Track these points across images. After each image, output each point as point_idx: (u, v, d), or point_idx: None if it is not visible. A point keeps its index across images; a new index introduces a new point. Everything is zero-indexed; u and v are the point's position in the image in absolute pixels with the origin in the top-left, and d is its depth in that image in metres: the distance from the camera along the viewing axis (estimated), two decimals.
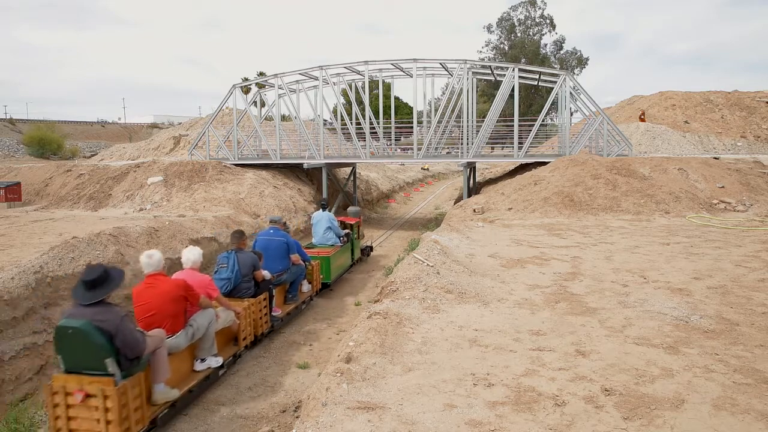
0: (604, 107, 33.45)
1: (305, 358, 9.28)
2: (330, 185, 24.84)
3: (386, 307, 7.18)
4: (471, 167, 24.21)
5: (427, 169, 53.61)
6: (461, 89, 22.14)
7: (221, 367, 7.82)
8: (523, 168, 21.65)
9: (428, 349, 6.05)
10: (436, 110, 24.49)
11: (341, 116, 25.84)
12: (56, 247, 10.46)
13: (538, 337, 6.39)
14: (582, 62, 68.56)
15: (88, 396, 5.77)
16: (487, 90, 65.97)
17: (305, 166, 22.29)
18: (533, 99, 65.78)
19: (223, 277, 9.00)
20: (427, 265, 9.00)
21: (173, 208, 17.90)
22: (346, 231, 14.69)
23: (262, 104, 27.48)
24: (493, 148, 38.31)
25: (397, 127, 30.10)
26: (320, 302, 12.24)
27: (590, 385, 5.24)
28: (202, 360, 7.50)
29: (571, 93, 21.75)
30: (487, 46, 70.55)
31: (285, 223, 11.67)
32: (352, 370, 5.52)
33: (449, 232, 12.86)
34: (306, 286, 11.73)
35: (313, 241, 13.85)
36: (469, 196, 20.91)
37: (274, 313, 9.88)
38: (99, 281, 5.86)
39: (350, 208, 16.63)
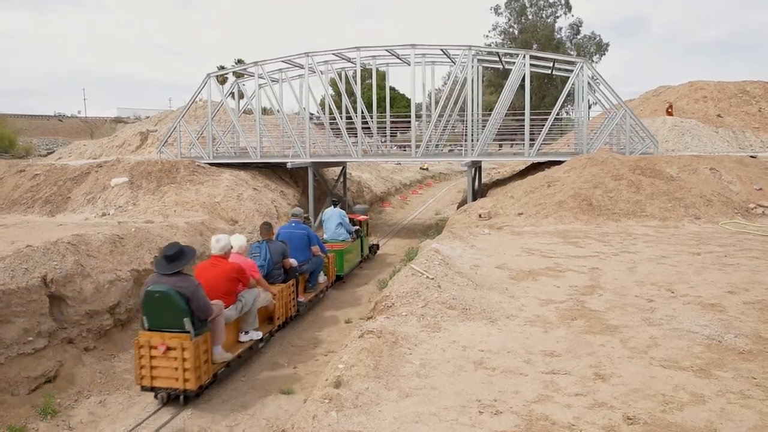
0: (627, 99, 33.56)
1: (289, 383, 9.27)
2: (317, 187, 24.83)
3: (380, 325, 7.18)
4: (476, 167, 24.26)
5: (427, 169, 53.68)
6: (465, 79, 22.19)
7: (260, 340, 10.28)
8: (534, 168, 21.70)
9: (428, 373, 6.05)
10: (436, 103, 24.51)
11: (330, 109, 25.88)
12: (7, 258, 10.43)
13: (552, 358, 6.39)
14: (601, 48, 68.86)
15: (168, 349, 8.25)
16: (495, 80, 66.16)
17: (289, 165, 22.30)
18: (546, 90, 66.00)
19: (257, 265, 10.90)
20: (427, 277, 9.00)
21: (140, 213, 17.87)
22: (356, 227, 17.20)
23: (241, 96, 27.49)
24: (501, 146, 38.25)
25: (392, 122, 30.12)
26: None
27: (611, 412, 5.24)
28: (246, 332, 9.96)
29: (589, 83, 21.84)
30: (494, 30, 70.80)
31: (307, 216, 14.40)
32: (342, 396, 5.51)
33: (451, 241, 12.88)
34: (322, 278, 14.19)
35: (325, 236, 16.07)
36: (474, 199, 20.94)
37: (299, 299, 12.55)
38: (176, 256, 8.35)
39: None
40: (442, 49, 23.21)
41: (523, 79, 21.63)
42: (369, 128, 27.07)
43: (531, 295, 8.73)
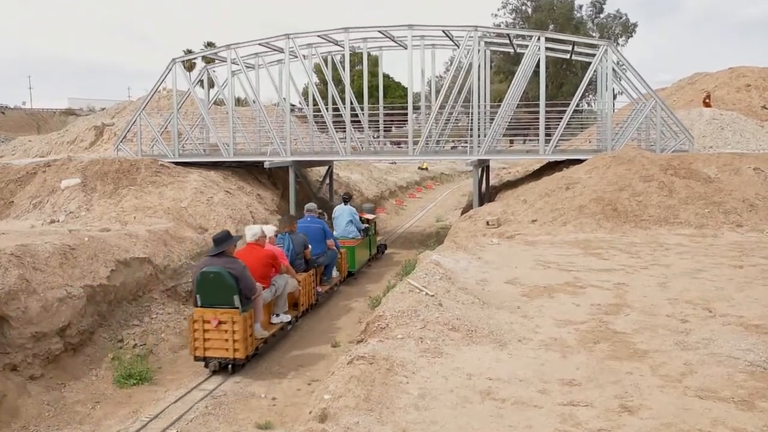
0: (657, 88, 33.66)
1: (266, 415, 9.26)
2: (299, 190, 24.84)
3: (372, 350, 7.18)
4: (483, 166, 24.31)
5: (426, 168, 53.76)
6: (470, 65, 22.26)
7: (289, 323, 13.12)
8: (551, 167, 21.76)
9: (427, 404, 6.05)
10: (437, 92, 24.56)
11: (314, 100, 25.92)
12: None
13: (571, 388, 6.40)
14: (628, 30, 69.22)
15: (220, 323, 10.87)
16: (505, 66, 66.45)
17: (267, 165, 22.32)
18: (564, 78, 66.30)
19: None
20: (426, 294, 9.01)
21: (94, 220, 17.84)
22: (366, 225, 19.64)
23: (211, 85, 27.50)
24: (512, 142, 38.37)
25: (386, 115, 30.18)
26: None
27: None
28: (277, 315, 12.74)
29: (613, 69, 21.93)
30: (504, 8, 71.12)
31: (321, 212, 17.41)
32: None
33: (455, 252, 12.90)
34: (335, 273, 16.81)
35: (335, 233, 17.95)
36: (481, 204, 20.98)
37: (317, 289, 15.34)
38: (223, 239, 11.14)
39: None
40: (443, 31, 23.29)
41: (538, 65, 21.72)
42: (359, 122, 27.11)
43: (547, 314, 8.74)
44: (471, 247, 13.44)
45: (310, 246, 14.97)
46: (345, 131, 23.31)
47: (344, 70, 23.63)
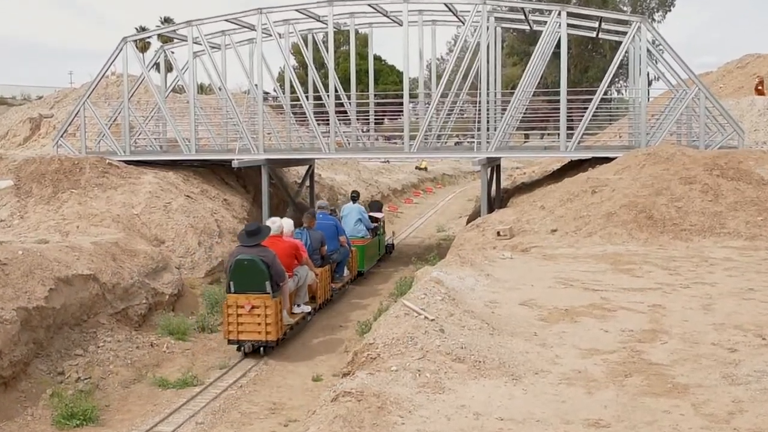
0: (701, 73, 33.77)
1: None
2: (274, 193, 24.85)
3: (361, 384, 7.18)
4: (493, 166, 24.36)
5: (425, 168, 53.80)
6: (478, 45, 22.31)
7: (309, 313, 16.11)
8: (574, 167, 21.80)
9: None
10: (439, 78, 24.59)
11: (291, 87, 25.91)
12: None
13: (598, 430, 6.41)
14: (666, 3, 69.44)
15: (253, 308, 13.59)
16: (519, 46, 66.62)
17: (235, 164, 22.25)
18: (590, 60, 66.47)
19: None
20: (425, 318, 9.01)
21: (30, 230, 17.81)
22: (375, 224, 22.49)
23: (169, 68, 27.49)
24: (527, 137, 38.47)
25: (378, 105, 30.17)
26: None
27: None
28: (298, 305, 15.59)
29: (648, 50, 21.95)
30: None
31: (334, 209, 21.38)
32: None
33: (459, 268, 12.89)
34: (345, 272, 19.44)
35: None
36: (491, 210, 21.01)
37: (333, 284, 18.40)
38: (256, 231, 14.19)
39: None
40: (446, 5, 23.36)
41: (558, 45, 21.75)
42: (345, 113, 27.12)
43: (569, 342, 8.75)
44: (479, 262, 13.44)
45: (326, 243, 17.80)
46: (328, 124, 23.32)
47: (327, 51, 23.65)
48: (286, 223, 15.92)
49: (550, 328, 9.32)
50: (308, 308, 15.97)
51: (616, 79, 64.16)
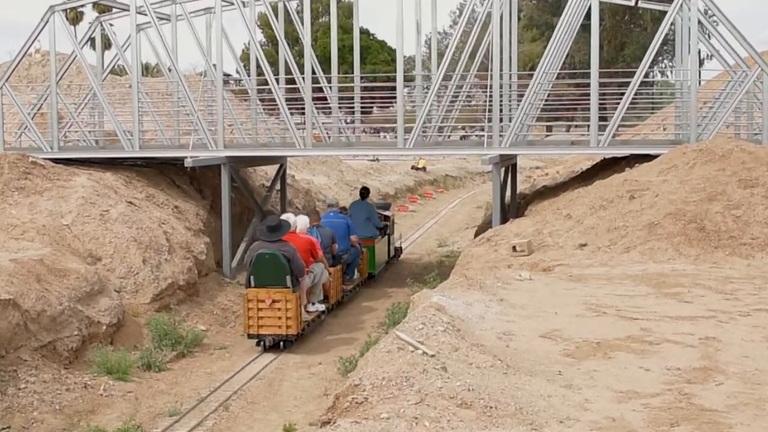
0: (764, 50, 33.72)
1: None
2: (237, 200, 24.83)
3: None
4: (508, 166, 24.39)
5: (424, 168, 53.78)
6: (489, 16, 22.37)
7: (324, 312, 19.15)
8: (607, 167, 21.84)
9: None
10: (440, 56, 24.61)
11: (258, 67, 25.89)
12: None
13: None
14: None
15: (274, 302, 16.53)
16: (540, 17, 66.73)
17: (188, 163, 22.19)
18: (627, 35, 66.56)
19: None
20: (424, 353, 9.03)
21: None
22: (384, 224, 25.28)
23: (107, 45, 27.48)
24: (550, 129, 38.58)
25: (365, 89, 30.19)
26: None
27: None
28: (313, 303, 18.39)
29: (700, 23, 21.90)
30: None
31: (344, 207, 24.26)
32: None
33: (466, 291, 12.91)
34: (356, 274, 22.47)
35: None
36: (505, 220, 21.01)
37: (344, 286, 21.31)
38: (278, 226, 17.28)
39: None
40: None
41: (588, 16, 21.76)
42: (325, 100, 27.11)
43: (601, 383, 8.77)
44: (490, 285, 13.45)
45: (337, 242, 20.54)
46: (304, 114, 23.34)
47: (303, 24, 23.68)
48: (300, 220, 18.68)
49: (578, 366, 9.34)
50: (323, 307, 19.06)
51: (660, 58, 64.28)
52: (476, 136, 32.60)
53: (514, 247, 16.64)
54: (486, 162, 21.42)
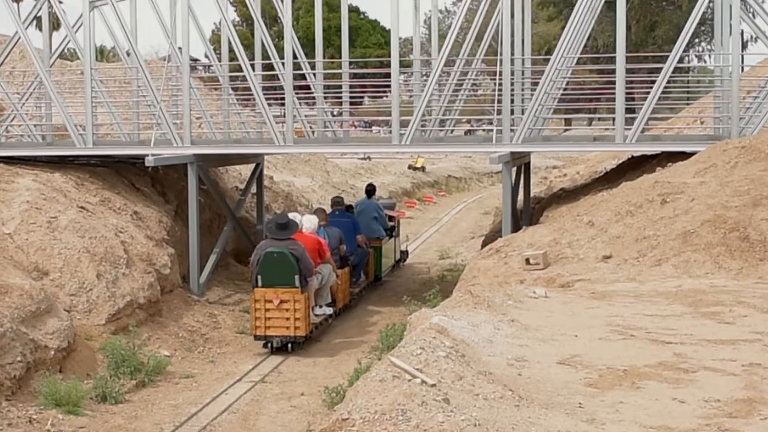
0: None
1: None
2: (206, 205, 24.81)
3: None
4: (520, 165, 24.41)
5: (422, 168, 53.75)
6: None
7: (331, 315, 20.97)
8: (635, 166, 21.84)
9: None
10: (442, 39, 24.60)
11: (231, 50, 25.84)
12: None
13: None
14: None
15: (282, 302, 18.46)
16: None
17: (150, 162, 22.17)
18: (658, 13, 66.70)
19: None
20: (423, 382, 9.03)
21: None
22: (392, 224, 27.61)
23: (55, 25, 27.45)
24: (569, 123, 38.68)
25: (356, 77, 30.17)
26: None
27: None
28: (320, 306, 20.03)
29: (741, 0, 21.94)
30: None
31: (350, 206, 26.18)
32: None
33: (472, 310, 12.88)
34: (362, 276, 24.80)
35: None
36: (517, 228, 21.01)
37: (351, 289, 23.32)
38: (287, 225, 19.30)
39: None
40: None
41: None
42: (309, 89, 27.08)
43: (628, 417, 8.78)
44: (499, 303, 13.44)
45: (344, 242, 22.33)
46: (284, 105, 23.33)
47: (283, 1, 23.68)
48: (307, 220, 20.45)
49: (602, 397, 9.34)
50: (330, 310, 20.94)
51: (696, 41, 64.37)
52: (483, 130, 32.73)
53: (527, 260, 16.67)
54: (495, 161, 21.42)
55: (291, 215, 20.47)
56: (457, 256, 30.60)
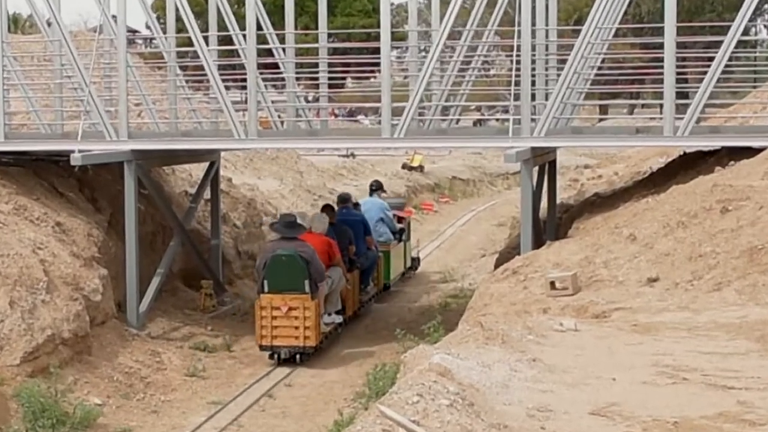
0: None
1: None
2: (147, 213, 24.76)
3: None
4: (544, 163, 24.43)
5: (420, 167, 53.97)
6: None
7: (340, 324, 23.64)
8: (688, 165, 21.92)
9: None
10: (444, 5, 24.62)
11: (179, 20, 25.78)
12: None
13: None
14: None
15: (290, 309, 20.79)
16: None
17: (77, 160, 22.13)
18: None
19: None
20: None
21: None
22: (401, 226, 29.87)
23: None
24: (605, 111, 38.86)
25: (336, 53, 30.18)
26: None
27: None
28: (329, 314, 22.69)
29: None
30: None
31: (357, 203, 27.71)
32: None
33: (482, 346, 12.85)
34: (370, 283, 26.99)
35: None
36: (540, 244, 21.04)
37: (360, 297, 25.60)
38: (294, 223, 22.24)
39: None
40: None
41: None
42: (277, 67, 27.09)
43: None
44: (517, 338, 13.41)
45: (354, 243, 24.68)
46: (245, 89, 23.31)
47: None
48: (318, 219, 23.02)
49: None
50: (340, 318, 23.18)
51: (766, 7, 64.83)
52: (497, 120, 32.88)
53: (552, 283, 16.65)
54: (511, 158, 21.52)
55: (298, 213, 22.29)
56: (464, 279, 30.74)
